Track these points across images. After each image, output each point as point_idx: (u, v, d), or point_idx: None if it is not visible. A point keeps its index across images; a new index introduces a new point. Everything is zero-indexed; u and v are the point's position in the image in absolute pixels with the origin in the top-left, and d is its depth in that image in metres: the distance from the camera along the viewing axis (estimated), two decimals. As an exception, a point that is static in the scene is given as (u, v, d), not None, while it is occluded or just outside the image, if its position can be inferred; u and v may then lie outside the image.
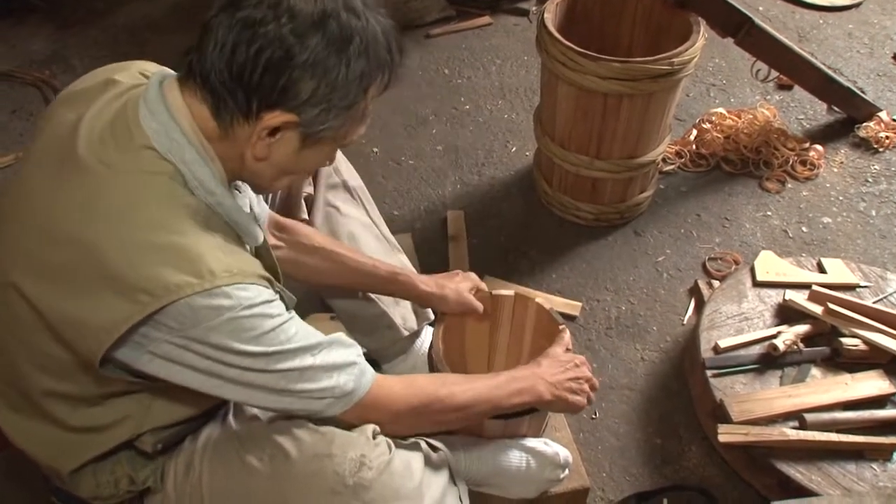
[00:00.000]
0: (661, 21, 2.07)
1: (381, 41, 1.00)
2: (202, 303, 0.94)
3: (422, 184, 2.37)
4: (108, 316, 0.94)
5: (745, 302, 1.85)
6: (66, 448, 1.10)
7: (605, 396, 1.81)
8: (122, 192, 0.96)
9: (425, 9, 2.95)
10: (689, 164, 2.39)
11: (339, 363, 1.08)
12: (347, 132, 1.05)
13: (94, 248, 0.94)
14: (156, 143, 0.98)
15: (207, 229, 0.99)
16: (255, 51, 0.94)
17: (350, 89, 0.98)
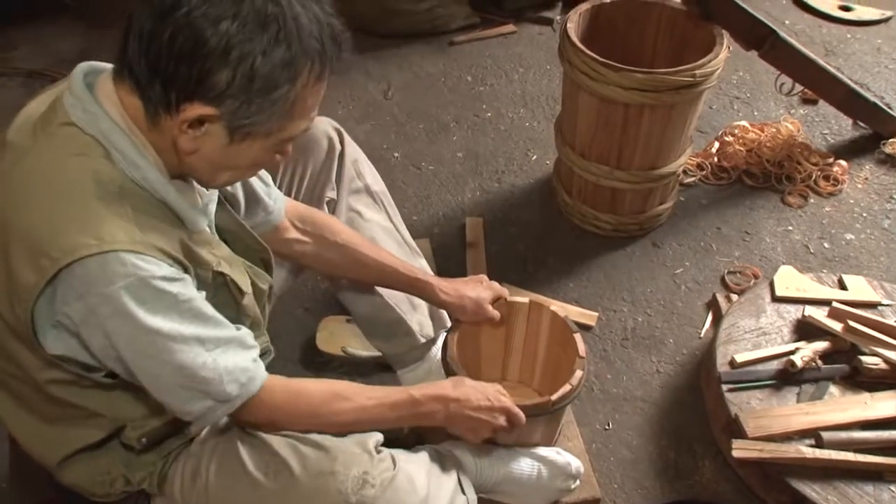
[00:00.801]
0: (684, 32, 2.06)
1: (308, 28, 0.95)
2: (97, 266, 0.94)
3: (441, 190, 2.37)
4: (22, 282, 0.95)
5: (763, 317, 1.83)
6: (49, 439, 1.12)
7: (619, 408, 1.80)
8: (36, 164, 0.98)
9: (450, 16, 2.96)
10: (711, 176, 2.38)
11: (230, 367, 1.05)
12: (280, 126, 1.01)
13: (7, 219, 0.96)
14: (74, 118, 0.98)
15: (121, 200, 0.97)
16: (167, 39, 0.91)
17: (270, 79, 0.94)
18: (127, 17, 0.95)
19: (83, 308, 0.95)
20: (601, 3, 2.08)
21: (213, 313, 1.05)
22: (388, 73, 2.82)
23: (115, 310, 0.95)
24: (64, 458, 1.12)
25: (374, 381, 1.85)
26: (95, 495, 1.17)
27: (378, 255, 1.50)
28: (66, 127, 0.98)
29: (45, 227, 0.94)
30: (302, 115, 1.02)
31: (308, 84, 0.98)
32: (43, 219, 0.95)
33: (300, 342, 1.93)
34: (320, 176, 1.55)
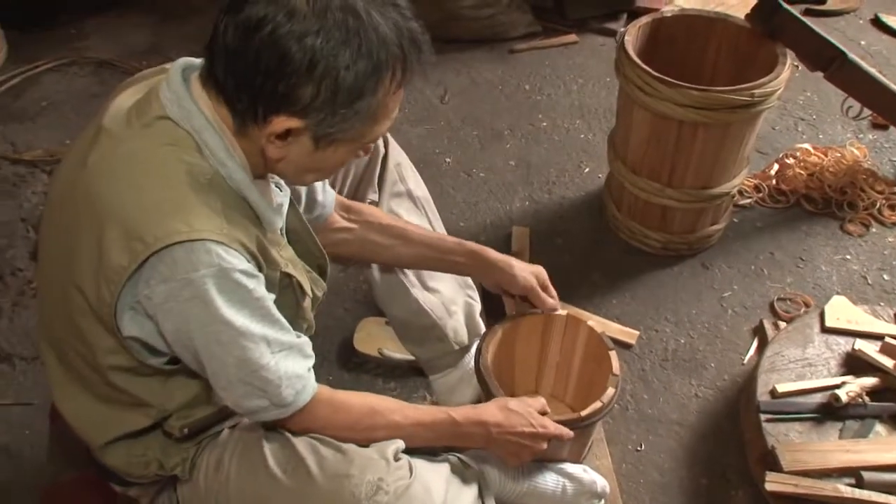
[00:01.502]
0: (747, 50, 2.01)
1: (388, 37, 0.97)
2: (184, 253, 0.97)
3: (490, 197, 2.36)
4: (113, 264, 0.98)
5: (810, 347, 1.77)
6: (98, 421, 1.15)
7: (653, 430, 1.76)
8: (131, 151, 1.01)
9: (511, 23, 2.95)
10: (768, 199, 2.31)
11: (289, 373, 1.08)
12: (364, 132, 1.04)
13: (101, 202, 1.00)
14: (169, 111, 1.02)
15: (210, 191, 1.01)
16: (253, 56, 0.94)
17: (354, 91, 0.97)
18: (213, 28, 0.98)
19: (165, 291, 0.98)
20: (662, 16, 2.04)
21: (279, 317, 1.09)
22: (446, 77, 2.82)
23: (195, 295, 0.98)
24: (108, 442, 1.16)
25: (408, 384, 1.86)
26: (130, 475, 1.21)
27: (420, 229, 1.52)
28: (161, 120, 1.01)
29: (139, 212, 0.98)
30: (384, 118, 1.05)
31: (390, 91, 1.01)
32: (137, 204, 0.98)
33: (338, 341, 1.95)
34: (363, 178, 1.56)
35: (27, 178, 2.43)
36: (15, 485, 1.67)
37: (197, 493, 1.21)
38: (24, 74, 2.81)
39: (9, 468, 1.71)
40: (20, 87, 2.78)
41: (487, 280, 1.56)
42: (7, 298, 2.07)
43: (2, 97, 2.73)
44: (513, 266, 1.51)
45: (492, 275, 1.53)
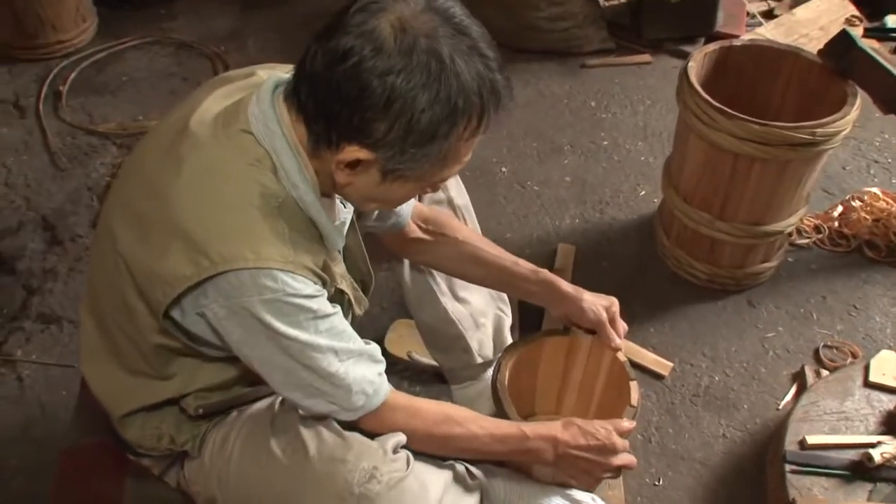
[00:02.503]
0: (817, 87, 1.94)
1: (468, 85, 0.97)
2: (250, 278, 1.00)
3: (541, 211, 2.35)
4: (174, 271, 1.02)
5: (849, 400, 1.71)
6: (122, 390, 1.19)
7: (673, 465, 1.73)
8: (212, 162, 1.04)
9: (585, 38, 2.92)
10: (827, 241, 2.23)
11: (359, 378, 1.11)
12: (432, 173, 1.05)
13: (175, 205, 1.03)
14: (253, 128, 1.04)
15: (280, 216, 1.03)
16: (335, 84, 0.96)
17: (427, 133, 0.98)
18: (305, 50, 1.00)
19: (227, 311, 1.03)
20: (730, 45, 1.99)
21: (346, 327, 1.12)
22: (514, 87, 2.80)
23: (257, 319, 1.02)
24: (126, 414, 1.20)
25: (432, 390, 1.86)
26: (141, 447, 1.24)
27: (496, 250, 1.51)
28: (245, 135, 1.04)
29: (209, 228, 1.01)
30: (454, 162, 1.06)
31: (463, 137, 1.01)
32: (209, 219, 1.01)
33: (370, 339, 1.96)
34: None
35: (98, 148, 2.53)
36: (47, 441, 1.74)
37: (202, 469, 1.24)
38: (110, 50, 2.94)
39: (43, 425, 1.80)
40: (104, 62, 2.90)
41: (556, 310, 1.54)
42: (64, 263, 2.16)
43: (86, 70, 2.85)
44: (583, 299, 1.49)
45: (561, 306, 1.51)
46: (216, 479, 1.22)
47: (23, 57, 2.84)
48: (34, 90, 2.74)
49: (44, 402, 1.85)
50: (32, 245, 2.21)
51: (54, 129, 2.59)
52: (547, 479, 1.45)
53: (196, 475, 1.27)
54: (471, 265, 1.49)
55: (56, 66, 2.83)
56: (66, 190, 2.38)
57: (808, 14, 3.08)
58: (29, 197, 2.36)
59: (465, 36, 0.98)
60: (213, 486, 1.23)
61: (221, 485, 1.21)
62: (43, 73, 2.80)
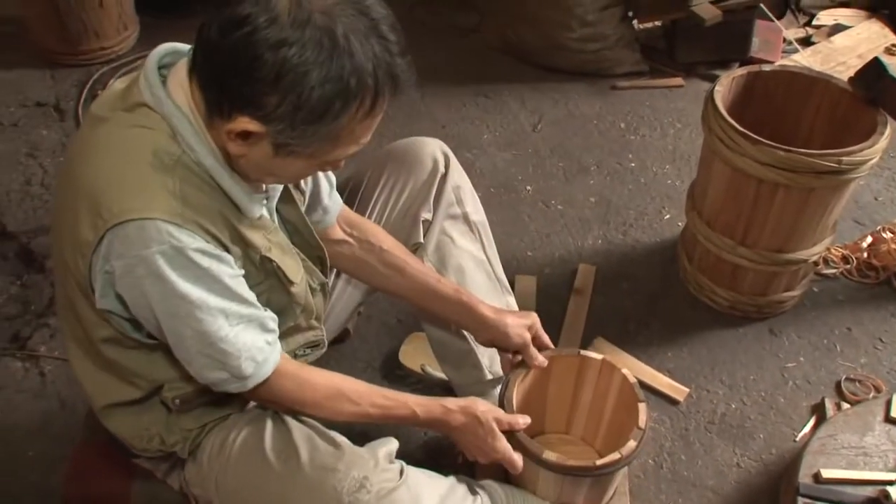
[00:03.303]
0: (846, 115, 1.92)
1: (364, 67, 0.96)
2: (136, 230, 1.01)
3: (563, 231, 2.34)
4: (83, 238, 1.04)
5: (869, 436, 1.67)
6: (98, 384, 1.22)
7: (684, 492, 1.70)
8: (110, 131, 1.06)
9: (617, 60, 2.92)
10: (855, 272, 2.19)
11: (248, 345, 1.11)
12: (324, 150, 1.04)
13: (79, 176, 1.06)
14: (146, 97, 1.05)
15: (173, 173, 1.04)
16: (228, 52, 0.95)
17: (317, 111, 0.97)
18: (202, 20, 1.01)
19: (122, 266, 1.04)
20: (759, 70, 1.98)
21: (241, 291, 1.11)
22: (542, 106, 2.82)
23: (149, 271, 1.03)
24: (107, 406, 1.23)
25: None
26: (134, 448, 1.27)
27: (420, 266, 1.49)
28: (140, 106, 1.06)
29: (102, 189, 1.03)
30: (349, 142, 1.05)
31: (356, 118, 1.00)
32: (102, 180, 1.04)
33: (385, 351, 1.97)
34: (418, 196, 1.57)
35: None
36: (64, 436, 1.77)
37: (200, 473, 1.26)
38: (149, 57, 3.00)
39: (62, 420, 1.83)
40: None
41: (480, 336, 1.53)
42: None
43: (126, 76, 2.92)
44: (507, 324, 1.48)
45: (485, 331, 1.50)
46: (214, 482, 1.24)
47: (65, 62, 2.92)
48: (74, 94, 2.81)
49: (63, 398, 1.88)
50: (63, 244, 2.27)
51: (91, 132, 2.66)
52: (551, 497, 1.45)
53: (195, 478, 1.29)
54: (392, 275, 1.47)
55: (96, 71, 2.90)
56: (99, 192, 2.44)
57: (847, 42, 3.04)
58: (62, 197, 2.42)
59: (366, 16, 0.98)
60: (211, 489, 1.25)
61: (219, 488, 1.23)
62: (83, 79, 2.87)
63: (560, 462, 1.37)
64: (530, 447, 1.37)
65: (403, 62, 1.01)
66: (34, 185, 2.46)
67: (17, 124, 2.69)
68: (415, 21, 3.18)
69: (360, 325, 2.02)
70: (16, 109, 2.76)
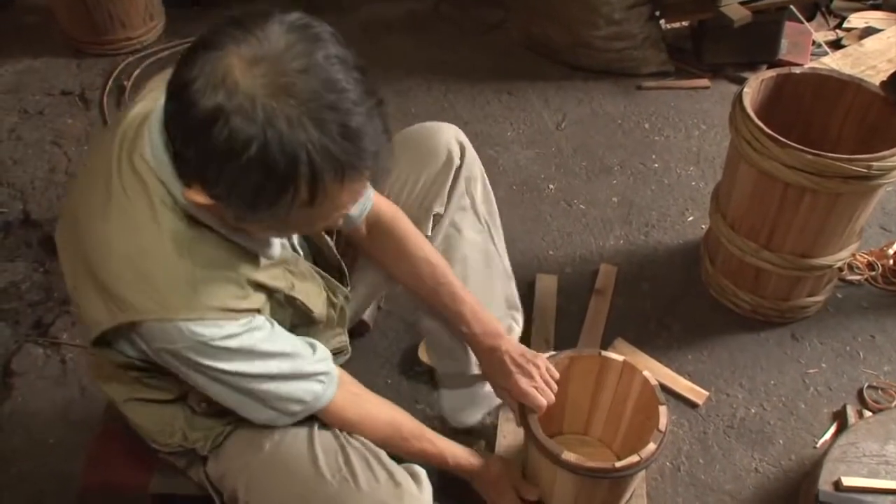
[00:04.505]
0: (877, 119, 1.89)
1: (295, 155, 0.85)
2: (160, 329, 1.00)
3: (585, 230, 2.33)
4: (93, 315, 1.02)
5: (891, 444, 1.64)
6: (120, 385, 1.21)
7: (702, 496, 1.69)
8: (121, 211, 1.00)
9: (643, 59, 2.89)
10: (880, 279, 2.16)
11: (293, 391, 1.14)
12: (279, 225, 0.97)
13: (90, 249, 1.00)
14: (147, 156, 0.99)
15: (189, 257, 0.99)
16: (168, 119, 0.91)
17: (248, 199, 0.89)
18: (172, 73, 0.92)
19: (151, 348, 1.05)
20: (789, 73, 1.95)
21: (278, 348, 1.10)
22: (567, 104, 2.81)
23: (181, 361, 1.04)
24: (130, 399, 1.22)
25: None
26: (155, 442, 1.26)
27: (427, 252, 1.44)
28: (142, 163, 0.99)
29: (114, 274, 0.99)
30: (304, 224, 1.00)
31: (294, 205, 0.90)
32: (113, 263, 0.99)
33: (404, 347, 1.97)
34: (431, 189, 1.52)
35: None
36: (84, 424, 1.79)
37: (226, 468, 1.24)
38: (174, 48, 3.02)
39: (82, 408, 1.85)
40: (168, 60, 2.98)
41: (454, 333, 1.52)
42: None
43: (151, 67, 2.94)
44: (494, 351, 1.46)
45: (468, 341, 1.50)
46: (245, 479, 1.22)
47: (91, 51, 2.95)
48: (99, 84, 2.83)
49: (84, 385, 1.90)
50: (86, 232, 2.28)
51: (116, 121, 2.68)
52: (568, 499, 1.44)
53: (218, 473, 1.27)
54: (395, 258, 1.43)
55: (122, 61, 2.93)
56: (123, 181, 2.45)
57: (878, 45, 3.01)
58: (87, 186, 2.44)
59: (319, 94, 0.86)
60: (240, 485, 1.23)
61: (251, 486, 1.21)
62: (109, 68, 2.90)
63: (579, 463, 1.36)
64: (549, 447, 1.37)
65: (362, 146, 0.89)
66: (58, 173, 2.48)
67: (42, 112, 2.72)
68: (440, 17, 3.17)
69: (380, 321, 2.02)
70: (41, 98, 2.78)
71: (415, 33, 3.13)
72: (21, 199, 2.39)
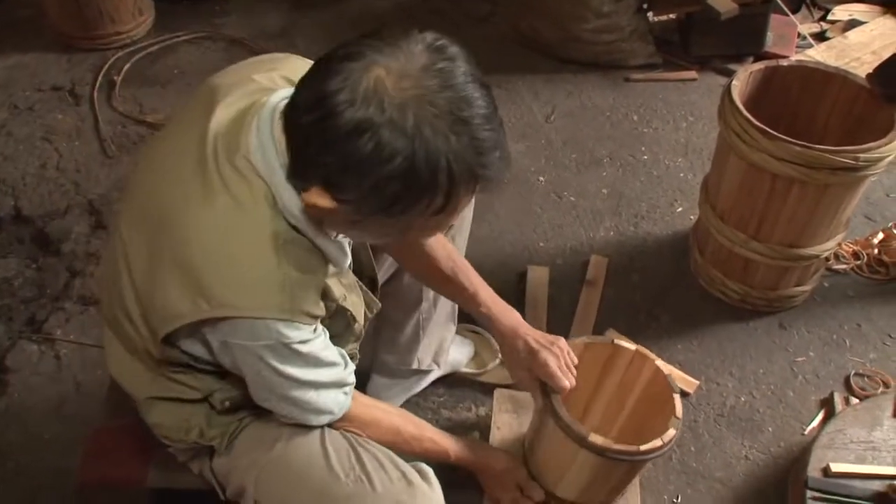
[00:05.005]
0: (863, 112, 1.92)
1: (438, 165, 0.89)
2: (247, 327, 1.02)
3: (575, 222, 2.35)
4: (173, 306, 1.02)
5: (877, 430, 1.68)
6: (142, 381, 1.20)
7: (693, 483, 1.72)
8: (222, 204, 1.00)
9: (632, 51, 2.91)
10: (865, 268, 2.20)
11: (329, 402, 1.17)
12: (396, 235, 1.02)
13: (182, 241, 1.01)
14: (253, 157, 1.00)
15: (284, 258, 1.00)
16: (305, 129, 0.93)
17: (382, 205, 0.92)
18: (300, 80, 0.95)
19: (223, 344, 1.06)
20: (777, 65, 1.98)
21: (329, 357, 1.13)
22: (556, 97, 2.82)
23: (252, 357, 1.06)
24: (151, 398, 1.21)
25: (455, 393, 1.88)
26: (168, 438, 1.25)
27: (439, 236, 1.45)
28: (246, 165, 1.00)
29: (209, 270, 0.99)
30: (424, 231, 1.06)
31: (426, 213, 0.94)
32: (209, 260, 0.99)
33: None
34: None
35: (146, 138, 2.60)
36: (80, 419, 1.80)
37: (234, 463, 1.24)
38: (164, 43, 3.02)
39: (77, 403, 1.86)
40: (157, 55, 2.98)
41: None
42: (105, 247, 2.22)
43: (140, 62, 2.93)
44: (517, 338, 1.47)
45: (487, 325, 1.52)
46: (254, 474, 1.22)
47: (81, 46, 2.93)
48: (89, 79, 2.82)
49: (79, 381, 1.90)
50: (78, 228, 2.28)
51: (106, 117, 2.67)
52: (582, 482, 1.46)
53: (225, 467, 1.27)
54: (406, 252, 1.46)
55: (112, 56, 2.91)
56: (113, 177, 2.45)
57: (862, 38, 3.04)
58: (78, 182, 2.44)
59: (457, 108, 0.90)
60: (248, 480, 1.23)
61: (260, 482, 1.22)
62: (99, 63, 2.88)
63: (606, 445, 1.36)
64: (576, 429, 1.36)
65: (492, 159, 0.93)
66: (49, 168, 2.48)
67: (32, 108, 2.71)
68: (430, 10, 3.17)
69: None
70: (31, 93, 2.77)
71: (403, 25, 3.11)
72: (12, 195, 2.39)
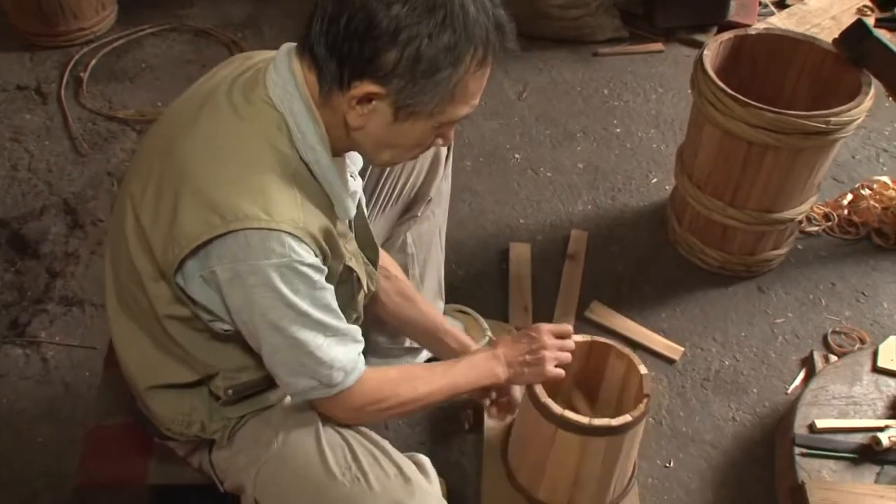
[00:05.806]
0: (830, 76, 1.96)
1: (473, 16, 1.00)
2: (259, 240, 1.01)
3: (553, 198, 2.38)
4: (185, 229, 1.03)
5: (857, 385, 1.74)
6: (148, 364, 1.20)
7: (684, 448, 1.76)
8: (230, 125, 1.07)
9: (598, 26, 2.94)
10: (836, 229, 2.25)
11: (340, 356, 1.13)
12: (442, 109, 1.06)
13: (190, 164, 1.05)
14: (272, 92, 1.07)
15: (293, 182, 1.06)
16: (345, 21, 0.99)
17: (435, 62, 1.00)
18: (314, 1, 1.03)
19: (232, 272, 1.04)
20: (745, 34, 2.01)
21: (335, 306, 1.13)
22: (527, 74, 2.84)
23: (261, 282, 1.04)
24: (153, 387, 1.21)
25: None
26: (169, 430, 1.24)
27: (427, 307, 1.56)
28: (262, 101, 1.07)
29: (222, 187, 1.03)
30: (463, 99, 1.07)
31: (470, 69, 1.03)
32: (223, 178, 1.03)
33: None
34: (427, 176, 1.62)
35: (118, 134, 2.57)
36: (72, 421, 1.79)
37: (234, 459, 1.25)
38: (129, 37, 2.97)
39: (68, 405, 1.84)
40: (123, 49, 2.93)
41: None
42: (86, 247, 2.20)
43: (106, 57, 2.88)
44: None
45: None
46: (254, 472, 1.23)
47: (44, 44, 2.87)
48: (55, 77, 2.77)
49: (67, 382, 1.89)
50: (55, 229, 2.25)
51: (75, 114, 2.63)
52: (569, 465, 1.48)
53: (225, 463, 1.27)
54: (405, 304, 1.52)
55: (76, 52, 2.86)
56: (87, 175, 2.42)
57: (820, 4, 3.09)
58: (51, 182, 2.40)
59: None
60: (248, 477, 1.23)
61: (259, 479, 1.23)
62: (64, 60, 2.83)
63: (578, 420, 1.38)
64: (553, 408, 1.39)
65: (506, 15, 1.05)
66: (21, 170, 2.44)
67: (-3, 109, 2.66)
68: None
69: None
70: (-5, 94, 2.72)
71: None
72: (-16, 198, 2.35)
